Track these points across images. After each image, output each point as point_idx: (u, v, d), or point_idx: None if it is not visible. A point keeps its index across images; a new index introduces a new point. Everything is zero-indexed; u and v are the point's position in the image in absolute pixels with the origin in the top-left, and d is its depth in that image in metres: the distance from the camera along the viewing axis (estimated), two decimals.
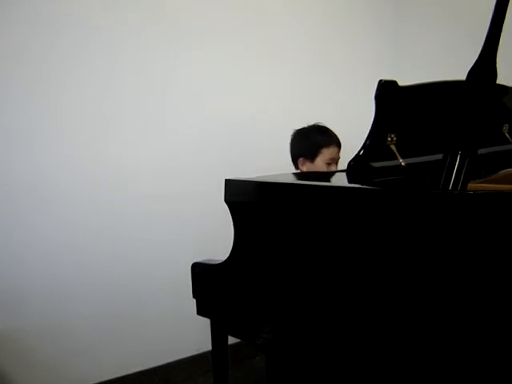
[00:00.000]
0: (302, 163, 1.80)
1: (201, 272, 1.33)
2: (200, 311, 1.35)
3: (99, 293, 1.74)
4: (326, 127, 1.84)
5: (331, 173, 1.62)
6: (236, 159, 1.96)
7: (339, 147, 1.81)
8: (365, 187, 0.96)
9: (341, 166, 1.78)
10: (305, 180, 1.20)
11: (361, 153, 1.03)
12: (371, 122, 1.03)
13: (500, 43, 0.89)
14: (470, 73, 0.90)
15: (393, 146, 1.05)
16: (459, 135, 0.91)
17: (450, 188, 0.89)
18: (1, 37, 1.52)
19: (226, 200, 1.19)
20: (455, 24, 2.10)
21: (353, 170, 1.03)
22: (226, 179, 1.19)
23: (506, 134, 1.39)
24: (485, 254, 0.80)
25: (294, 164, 1.84)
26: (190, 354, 1.96)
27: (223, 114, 1.94)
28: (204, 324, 1.37)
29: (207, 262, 1.30)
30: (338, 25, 2.25)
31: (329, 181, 1.27)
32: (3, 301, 1.58)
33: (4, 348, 1.57)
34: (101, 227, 1.73)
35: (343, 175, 1.18)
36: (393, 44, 2.38)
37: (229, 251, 1.21)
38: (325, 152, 1.77)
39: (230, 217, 1.19)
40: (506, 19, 0.87)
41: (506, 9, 0.87)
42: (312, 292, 1.02)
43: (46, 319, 1.66)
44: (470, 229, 0.80)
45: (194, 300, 1.36)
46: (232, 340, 1.34)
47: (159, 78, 1.80)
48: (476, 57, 0.89)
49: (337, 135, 1.81)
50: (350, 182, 1.05)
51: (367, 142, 1.03)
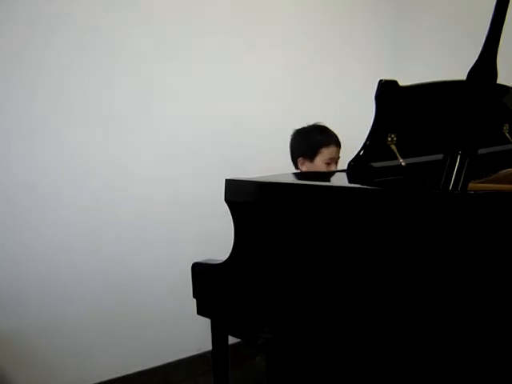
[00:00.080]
0: (302, 163, 1.81)
1: (201, 272, 1.33)
2: (200, 311, 1.35)
3: (99, 293, 1.74)
4: (326, 127, 1.84)
5: (331, 173, 1.61)
6: (236, 159, 1.96)
7: (339, 147, 1.81)
8: (365, 187, 0.96)
9: (341, 166, 1.78)
10: (305, 180, 1.20)
11: (361, 153, 1.03)
12: (371, 122, 1.03)
13: (500, 43, 0.89)
14: (470, 73, 0.90)
15: (393, 146, 1.05)
16: (459, 135, 0.91)
17: (451, 188, 0.89)
18: (0, 37, 1.52)
19: (227, 200, 1.19)
20: (455, 24, 2.10)
21: (353, 170, 1.04)
22: (227, 179, 1.19)
23: (507, 134, 1.39)
24: (485, 254, 0.80)
25: (294, 164, 1.84)
26: (190, 354, 1.96)
27: (223, 114, 1.94)
28: (204, 324, 1.37)
29: (207, 262, 1.30)
30: (338, 25, 2.25)
31: (329, 181, 1.27)
32: (1, 301, 1.58)
33: (3, 348, 1.57)
34: (100, 228, 1.73)
35: (343, 175, 1.18)
36: (393, 44, 2.38)
37: (229, 251, 1.21)
38: (324, 152, 1.77)
39: (231, 217, 1.19)
40: (506, 19, 0.87)
41: (506, 9, 0.87)
42: (312, 292, 1.02)
43: (46, 319, 1.66)
44: (471, 229, 0.80)
45: (195, 300, 1.36)
46: (232, 340, 1.34)
47: (159, 78, 1.80)
48: (476, 57, 0.89)
49: (336, 135, 1.82)
50: (351, 182, 1.05)
51: (367, 142, 1.03)
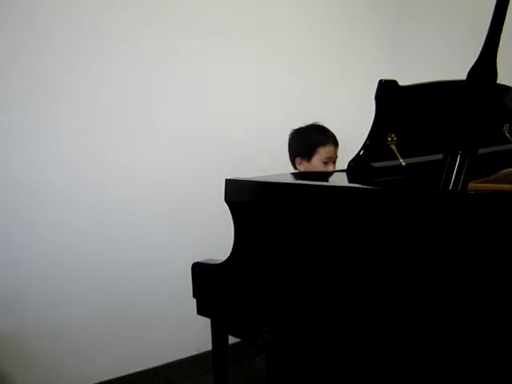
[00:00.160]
0: (300, 163, 1.81)
1: (201, 272, 1.33)
2: (200, 311, 1.35)
3: (99, 293, 1.74)
4: (323, 126, 1.83)
5: (331, 173, 1.61)
6: (236, 159, 1.96)
7: (336, 146, 1.80)
8: (365, 187, 0.96)
9: (340, 166, 1.77)
10: (305, 180, 1.20)
11: (361, 153, 1.03)
12: (371, 122, 1.03)
13: (500, 43, 0.89)
14: (471, 73, 0.90)
15: (393, 146, 1.05)
16: (459, 135, 0.91)
17: (451, 188, 0.89)
18: None
19: (227, 200, 1.19)
20: (456, 24, 2.10)
21: (353, 170, 1.04)
22: (227, 179, 1.19)
23: (507, 134, 1.39)
24: (485, 254, 0.80)
25: (292, 164, 1.84)
26: (191, 354, 1.96)
27: (223, 114, 1.94)
28: (204, 324, 1.37)
29: (207, 262, 1.30)
30: (339, 25, 2.25)
31: (329, 181, 1.27)
32: (1, 302, 1.58)
33: (3, 349, 1.57)
34: (99, 228, 1.73)
35: (343, 175, 1.18)
36: (393, 44, 2.38)
37: (229, 251, 1.21)
38: (321, 151, 1.77)
39: (231, 217, 1.19)
40: (506, 19, 0.87)
41: (506, 9, 0.87)
42: (312, 292, 1.02)
43: (46, 320, 1.65)
44: (471, 229, 0.80)
45: (195, 300, 1.36)
46: (232, 340, 1.34)
47: (158, 79, 1.80)
48: (476, 56, 0.89)
49: (334, 134, 1.81)
50: (351, 182, 1.05)
51: (367, 142, 1.03)
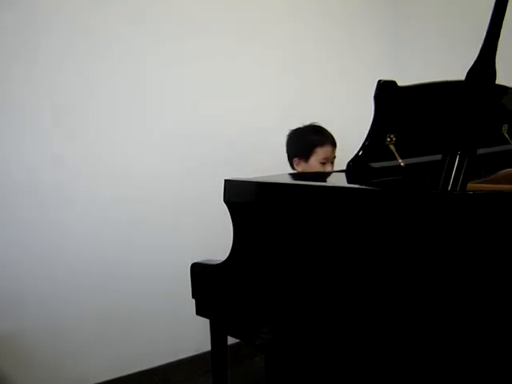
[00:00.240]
0: (297, 163, 1.80)
1: (200, 272, 1.32)
2: (199, 311, 1.35)
3: (98, 294, 1.74)
4: (321, 127, 1.83)
5: (330, 173, 1.61)
6: (230, 158, 1.96)
7: (334, 146, 1.80)
8: (364, 187, 0.96)
9: (339, 166, 1.77)
10: (304, 180, 1.20)
11: (360, 153, 1.03)
12: (370, 123, 1.03)
13: (499, 43, 0.89)
14: (469, 73, 0.90)
15: (392, 147, 1.05)
16: (458, 135, 0.91)
17: (449, 188, 0.89)
18: None
19: (225, 200, 1.19)
20: (456, 23, 2.10)
21: (352, 171, 1.04)
22: (225, 180, 1.18)
23: (505, 134, 1.39)
24: (485, 254, 0.80)
25: (290, 164, 1.84)
26: (190, 355, 1.96)
27: (217, 114, 1.94)
28: (203, 324, 1.37)
29: (206, 263, 1.30)
30: (338, 24, 2.25)
31: (328, 181, 1.27)
32: (1, 302, 1.58)
33: (3, 349, 1.57)
34: (99, 229, 1.73)
35: (342, 175, 1.18)
36: (393, 43, 2.38)
37: (228, 251, 1.21)
38: (319, 151, 1.76)
39: (229, 217, 1.19)
40: (506, 19, 0.87)
41: (506, 9, 0.87)
42: (311, 292, 1.02)
43: (45, 320, 1.65)
44: (470, 229, 0.80)
45: (194, 300, 1.36)
46: (231, 340, 1.34)
47: (150, 77, 1.80)
48: (475, 57, 0.89)
49: (332, 135, 1.81)
50: (349, 183, 1.05)
51: (366, 143, 1.03)
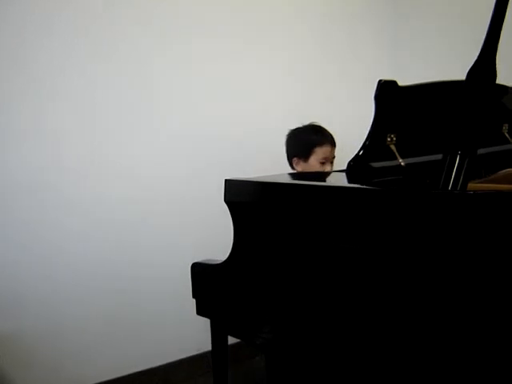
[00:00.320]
0: (297, 163, 1.80)
1: (200, 272, 1.32)
2: (200, 311, 1.35)
3: (98, 294, 1.74)
4: (320, 126, 1.83)
5: (330, 173, 1.62)
6: (236, 159, 1.96)
7: (333, 146, 1.79)
8: (364, 187, 0.96)
9: (339, 166, 1.77)
10: (304, 180, 1.20)
11: (360, 153, 1.03)
12: (371, 123, 1.03)
13: (500, 43, 0.89)
14: (470, 73, 0.90)
15: (392, 146, 1.05)
16: (459, 135, 0.91)
17: (450, 188, 0.89)
18: None
19: (226, 200, 1.19)
20: (456, 24, 2.10)
21: (352, 170, 1.04)
22: (226, 179, 1.19)
23: (506, 134, 1.39)
24: (485, 254, 0.80)
25: (290, 164, 1.84)
26: (190, 354, 1.95)
27: (223, 115, 1.94)
28: (204, 324, 1.37)
29: (207, 262, 1.30)
30: (339, 24, 2.25)
31: (328, 181, 1.27)
32: (1, 302, 1.57)
33: (3, 349, 1.57)
34: (99, 229, 1.73)
35: (343, 175, 1.18)
36: (393, 44, 2.38)
37: (228, 251, 1.21)
38: (318, 151, 1.76)
39: (230, 217, 1.19)
40: (506, 19, 0.87)
41: (506, 9, 0.87)
42: (312, 292, 1.02)
43: (45, 321, 1.65)
44: (470, 229, 0.80)
45: (194, 300, 1.36)
46: (232, 340, 1.34)
47: (157, 78, 1.80)
48: (476, 56, 0.89)
49: (331, 134, 1.80)
50: (350, 182, 1.05)
51: (367, 143, 1.03)
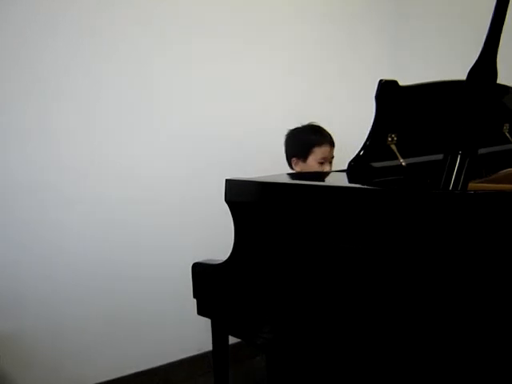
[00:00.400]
0: (295, 163, 1.80)
1: (201, 272, 1.32)
2: (200, 311, 1.35)
3: (98, 294, 1.74)
4: (319, 126, 1.82)
5: (331, 173, 1.62)
6: (236, 159, 1.96)
7: (332, 146, 1.79)
8: (365, 187, 0.96)
9: (340, 166, 1.77)
10: (305, 180, 1.20)
11: (361, 153, 1.03)
12: (371, 122, 1.03)
13: (500, 43, 0.89)
14: (471, 73, 0.90)
15: (393, 146, 1.05)
16: (459, 135, 0.91)
17: (451, 188, 0.89)
18: None
19: (227, 200, 1.19)
20: (456, 24, 2.10)
21: (353, 170, 1.04)
22: (227, 179, 1.19)
23: (507, 134, 1.39)
24: (485, 254, 0.80)
25: (289, 164, 1.83)
26: (191, 354, 1.96)
27: (223, 114, 1.94)
28: (205, 324, 1.37)
29: (208, 262, 1.30)
30: (339, 24, 2.24)
31: (329, 181, 1.27)
32: (1, 302, 1.57)
33: (3, 349, 1.57)
34: (99, 229, 1.73)
35: (343, 175, 1.18)
36: (393, 43, 2.38)
37: (229, 251, 1.21)
38: (317, 151, 1.75)
39: (231, 217, 1.19)
40: (506, 19, 0.87)
41: (506, 9, 0.87)
42: (312, 292, 1.02)
43: (45, 321, 1.65)
44: (471, 228, 0.80)
45: (194, 300, 1.36)
46: (232, 340, 1.34)
47: (157, 78, 1.80)
48: (476, 56, 0.89)
49: (330, 134, 1.80)
50: (351, 182, 1.05)
51: (367, 142, 1.03)
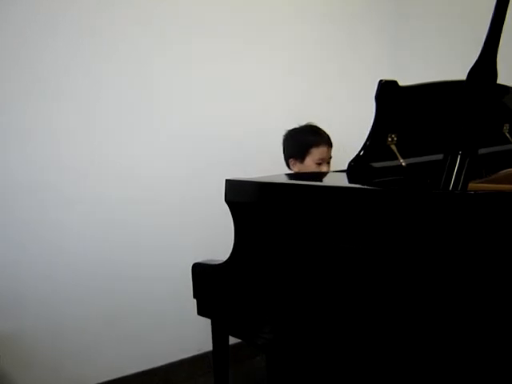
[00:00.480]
0: (293, 164, 1.79)
1: (201, 272, 1.33)
2: (201, 311, 1.35)
3: (98, 294, 1.74)
4: (317, 127, 1.82)
5: (331, 173, 1.61)
6: (236, 159, 1.96)
7: (330, 146, 1.78)
8: (365, 187, 0.96)
9: (339, 166, 1.77)
10: (305, 180, 1.20)
11: (361, 153, 1.03)
12: (371, 123, 1.03)
13: (500, 43, 0.89)
14: (471, 73, 0.90)
15: (393, 146, 1.05)
16: (460, 135, 0.91)
17: (451, 188, 0.89)
18: None
19: (227, 200, 1.19)
20: (456, 24, 2.10)
21: (353, 170, 1.04)
22: (226, 179, 1.19)
23: (507, 134, 1.39)
24: (485, 254, 0.80)
25: (287, 164, 1.83)
26: (191, 355, 1.95)
27: (223, 115, 1.94)
28: (205, 324, 1.37)
29: (208, 263, 1.31)
30: (339, 24, 2.24)
31: (329, 181, 1.27)
32: (1, 302, 1.57)
33: (3, 349, 1.57)
34: (99, 229, 1.73)
35: (343, 175, 1.18)
36: (393, 43, 2.38)
37: (229, 251, 1.21)
38: (314, 152, 1.75)
39: (231, 217, 1.19)
40: (506, 20, 0.87)
41: (506, 9, 0.87)
42: (313, 292, 1.02)
43: (46, 320, 1.65)
44: (471, 229, 0.80)
45: (194, 300, 1.36)
46: (232, 340, 1.34)
47: (157, 78, 1.79)
48: (477, 56, 0.89)
49: (328, 135, 1.79)
50: (351, 182, 1.05)
51: (367, 143, 1.03)
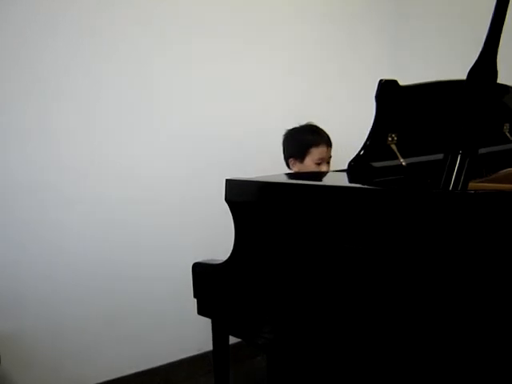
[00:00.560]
0: (293, 163, 1.80)
1: (202, 272, 1.33)
2: (201, 311, 1.35)
3: (98, 294, 1.74)
4: (317, 126, 1.82)
5: (331, 173, 1.62)
6: (236, 159, 1.96)
7: (330, 146, 1.79)
8: (365, 187, 0.96)
9: (339, 166, 1.77)
10: (305, 180, 1.20)
11: (361, 153, 1.03)
12: (372, 122, 1.03)
13: (500, 43, 0.89)
14: (471, 72, 0.90)
15: (393, 146, 1.05)
16: (460, 135, 0.91)
17: (451, 188, 0.89)
18: None
19: (227, 200, 1.19)
20: (456, 24, 2.10)
21: (353, 170, 1.04)
22: (227, 179, 1.19)
23: (507, 134, 1.39)
24: (485, 254, 0.80)
25: (286, 164, 1.83)
26: (191, 354, 1.96)
27: (223, 115, 1.94)
28: (205, 324, 1.37)
29: (208, 262, 1.31)
30: (339, 24, 2.24)
31: (329, 181, 1.27)
32: (1, 302, 1.57)
33: (3, 349, 1.57)
34: (99, 229, 1.73)
35: (343, 175, 1.18)
36: (393, 43, 2.38)
37: (229, 251, 1.21)
38: (314, 151, 1.75)
39: (231, 217, 1.19)
40: (506, 19, 0.87)
41: (507, 9, 0.87)
42: (313, 292, 1.02)
43: (46, 320, 1.65)
44: (471, 228, 0.80)
45: (195, 300, 1.36)
46: (233, 340, 1.34)
47: (157, 78, 1.80)
48: (477, 56, 0.89)
49: (328, 134, 1.79)
50: (351, 182, 1.06)
51: (368, 142, 1.04)
